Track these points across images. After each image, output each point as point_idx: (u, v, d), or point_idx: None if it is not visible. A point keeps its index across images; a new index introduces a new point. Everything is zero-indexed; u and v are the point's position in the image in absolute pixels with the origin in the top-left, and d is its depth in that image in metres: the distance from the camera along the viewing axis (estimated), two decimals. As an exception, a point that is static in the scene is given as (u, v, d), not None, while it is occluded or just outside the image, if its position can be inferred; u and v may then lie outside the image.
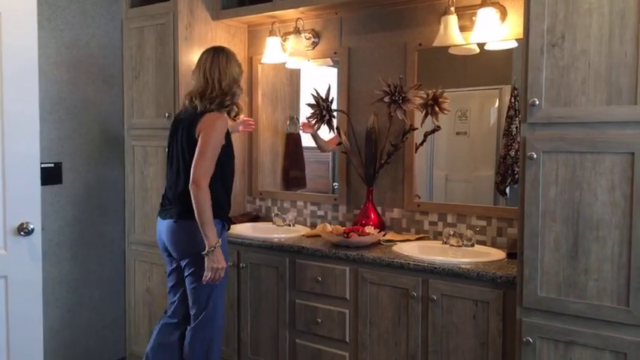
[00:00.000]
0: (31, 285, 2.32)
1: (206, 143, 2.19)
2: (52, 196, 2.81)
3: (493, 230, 2.51)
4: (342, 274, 2.41)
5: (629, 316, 1.70)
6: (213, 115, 2.24)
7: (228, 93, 2.29)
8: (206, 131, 2.20)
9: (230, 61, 2.33)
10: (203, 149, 2.19)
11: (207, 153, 2.18)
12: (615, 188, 1.72)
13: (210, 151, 2.19)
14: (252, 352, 2.72)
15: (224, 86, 2.28)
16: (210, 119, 2.23)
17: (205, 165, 2.18)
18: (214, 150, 2.20)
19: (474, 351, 2.10)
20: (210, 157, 2.19)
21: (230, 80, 2.30)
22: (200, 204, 2.14)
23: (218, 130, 2.22)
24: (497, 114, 2.64)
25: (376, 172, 2.76)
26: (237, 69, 2.35)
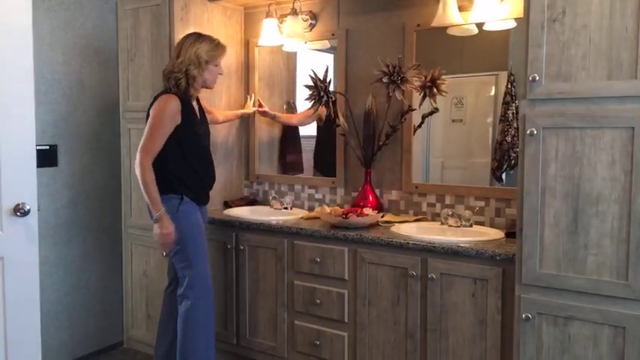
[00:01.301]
0: (28, 266, 2.30)
1: (148, 123, 2.35)
2: (48, 179, 2.78)
3: (491, 211, 2.51)
4: (341, 255, 2.41)
5: (629, 291, 1.71)
6: (163, 97, 2.35)
7: (180, 72, 2.35)
8: (152, 112, 2.35)
9: (196, 42, 2.37)
10: (146, 129, 2.35)
11: (147, 132, 2.33)
12: (615, 163, 1.72)
13: (150, 130, 2.32)
14: (251, 334, 2.73)
15: (177, 65, 2.35)
16: (158, 101, 2.35)
17: (144, 143, 2.32)
18: (154, 129, 2.31)
19: (472, 329, 2.10)
20: (149, 136, 2.31)
21: (186, 60, 2.35)
22: (140, 178, 2.30)
23: (162, 109, 2.31)
24: (493, 101, 2.64)
25: (374, 154, 2.75)
26: (203, 52, 2.36)
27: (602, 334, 1.76)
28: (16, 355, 2.28)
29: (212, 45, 2.41)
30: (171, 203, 2.32)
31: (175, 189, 2.35)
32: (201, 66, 2.37)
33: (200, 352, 2.34)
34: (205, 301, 2.37)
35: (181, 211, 2.34)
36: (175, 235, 2.31)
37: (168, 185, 2.35)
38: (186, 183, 2.37)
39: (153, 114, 2.33)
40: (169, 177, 2.34)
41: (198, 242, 2.36)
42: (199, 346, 2.34)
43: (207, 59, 2.38)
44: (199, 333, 2.35)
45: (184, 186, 2.37)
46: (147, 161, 2.30)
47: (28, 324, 2.31)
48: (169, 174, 2.34)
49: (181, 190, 2.36)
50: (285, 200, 2.99)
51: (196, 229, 2.37)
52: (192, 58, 2.35)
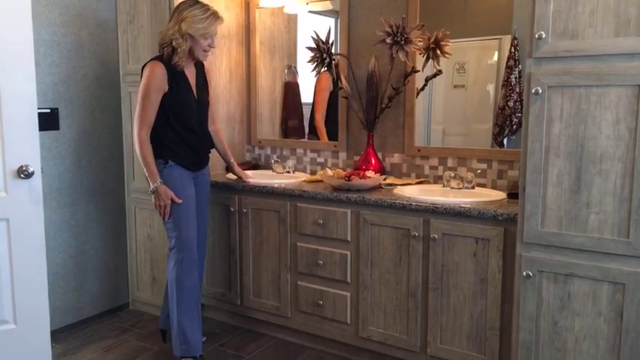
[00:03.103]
0: (33, 228, 2.32)
1: (139, 93, 2.35)
2: (50, 142, 2.78)
3: (493, 173, 2.52)
4: (344, 217, 2.42)
5: (629, 248, 1.73)
6: (149, 64, 2.34)
7: (166, 41, 2.32)
8: (142, 80, 2.35)
9: (185, 11, 2.30)
10: (138, 100, 2.35)
11: (138, 102, 2.34)
12: (620, 121, 1.72)
13: (140, 100, 2.33)
14: (255, 295, 2.77)
15: (165, 32, 2.33)
16: (145, 69, 2.35)
17: (137, 114, 2.34)
18: (143, 98, 2.32)
19: (473, 287, 2.14)
20: (139, 106, 2.33)
21: (172, 29, 2.30)
22: (139, 152, 2.34)
23: (147, 78, 2.31)
24: (496, 66, 2.61)
25: (377, 117, 2.74)
26: (188, 24, 2.28)
27: (602, 291, 1.79)
28: (25, 317, 2.32)
29: (201, 17, 2.29)
30: (158, 167, 2.36)
31: (161, 154, 2.37)
32: (184, 38, 2.30)
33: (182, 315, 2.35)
34: (187, 264, 2.37)
35: (165, 174, 2.35)
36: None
37: (157, 152, 2.36)
38: (173, 149, 2.38)
39: (141, 83, 2.34)
40: (155, 142, 2.36)
41: (180, 206, 2.36)
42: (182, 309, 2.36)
43: (190, 33, 2.30)
44: (181, 295, 2.36)
45: (170, 151, 2.37)
46: (143, 132, 2.32)
47: (35, 285, 2.34)
48: (155, 139, 2.36)
49: (167, 155, 2.37)
50: (288, 164, 2.99)
51: (180, 193, 2.36)
52: (176, 29, 2.29)
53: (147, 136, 2.33)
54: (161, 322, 2.64)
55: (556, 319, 1.88)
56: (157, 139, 2.36)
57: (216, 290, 2.89)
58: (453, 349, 2.21)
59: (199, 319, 2.42)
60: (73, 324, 2.92)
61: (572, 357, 1.86)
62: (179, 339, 2.35)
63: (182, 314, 2.35)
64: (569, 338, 1.86)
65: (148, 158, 2.33)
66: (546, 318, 1.89)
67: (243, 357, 2.58)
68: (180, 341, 2.35)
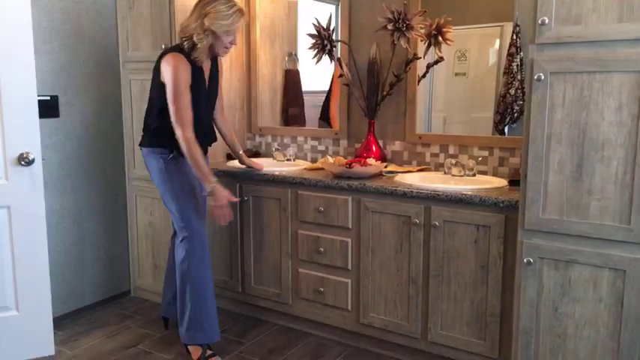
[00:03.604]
0: (35, 215, 2.33)
1: (170, 92, 2.22)
2: (50, 130, 2.77)
3: (495, 160, 2.51)
4: (345, 204, 2.42)
5: (631, 234, 1.73)
6: (171, 58, 2.24)
7: (187, 35, 2.26)
8: (167, 79, 2.23)
9: (209, 5, 2.22)
10: (170, 100, 2.22)
11: (172, 103, 2.22)
12: (622, 108, 1.71)
13: (174, 100, 2.21)
14: (256, 282, 2.78)
15: (187, 26, 2.27)
16: (169, 64, 2.22)
17: (176, 117, 2.21)
18: (177, 97, 2.21)
19: (474, 274, 2.14)
20: (176, 107, 2.21)
21: (193, 23, 2.24)
22: (188, 154, 2.23)
23: (177, 76, 2.21)
24: (497, 54, 2.60)
25: (378, 105, 2.73)
26: (211, 20, 2.20)
27: (603, 277, 1.80)
28: (27, 303, 2.34)
29: (225, 14, 2.21)
30: (161, 156, 2.33)
31: (164, 143, 2.31)
32: (205, 33, 2.22)
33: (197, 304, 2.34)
34: (199, 254, 2.36)
35: (172, 162, 2.33)
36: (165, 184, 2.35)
37: (161, 141, 2.32)
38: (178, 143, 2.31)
39: (170, 81, 2.20)
40: (160, 130, 2.31)
41: (186, 192, 2.34)
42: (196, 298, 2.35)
43: (213, 29, 2.22)
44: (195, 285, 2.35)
45: (175, 142, 2.29)
46: (188, 133, 2.21)
47: (37, 272, 2.36)
48: (161, 128, 2.30)
49: (171, 145, 2.30)
50: (288, 152, 2.99)
51: (185, 178, 2.34)
52: (198, 23, 2.22)
53: (193, 136, 2.22)
54: (162, 310, 2.66)
55: (556, 305, 1.88)
56: (162, 128, 2.29)
57: (217, 278, 2.90)
58: (453, 336, 2.22)
59: (215, 306, 2.41)
60: (75, 311, 2.94)
61: (572, 343, 1.87)
62: (194, 327, 2.35)
63: (197, 303, 2.34)
64: (569, 324, 1.87)
65: (200, 159, 2.22)
66: (547, 304, 1.90)
67: (244, 343, 2.59)
68: (195, 329, 2.35)
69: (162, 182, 2.37)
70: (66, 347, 2.57)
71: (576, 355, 1.87)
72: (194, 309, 2.34)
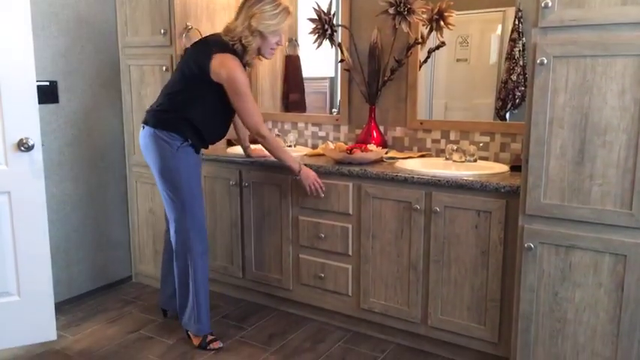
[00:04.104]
0: (35, 200, 2.33)
1: (239, 97, 2.20)
2: (50, 116, 2.76)
3: (496, 146, 2.50)
4: (345, 190, 2.42)
5: (632, 219, 1.73)
6: (227, 59, 2.18)
7: (235, 37, 2.21)
8: (232, 82, 2.17)
9: (256, 5, 2.18)
10: (239, 102, 2.21)
11: (244, 104, 2.22)
12: (625, 92, 1.70)
13: (245, 105, 2.22)
14: (257, 268, 2.79)
15: (234, 28, 2.22)
16: (225, 67, 2.17)
17: (252, 115, 2.25)
18: (246, 101, 2.22)
19: (474, 259, 2.15)
20: (250, 107, 2.24)
21: (241, 26, 2.20)
22: (272, 150, 2.35)
23: (239, 77, 2.18)
24: (499, 39, 2.57)
25: (379, 90, 2.72)
26: (259, 22, 2.18)
27: (603, 262, 1.80)
28: (28, 288, 2.35)
29: (272, 13, 2.18)
30: (173, 142, 2.25)
31: (183, 130, 2.25)
32: (253, 35, 2.20)
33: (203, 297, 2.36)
34: (205, 252, 2.36)
35: (182, 150, 2.26)
36: (171, 173, 2.26)
37: (178, 127, 2.24)
38: (197, 131, 2.27)
39: (235, 85, 2.17)
40: (185, 122, 2.24)
41: (193, 184, 2.30)
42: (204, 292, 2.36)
43: (260, 30, 2.19)
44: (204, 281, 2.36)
45: (193, 132, 2.26)
46: (266, 130, 2.31)
47: (38, 257, 2.36)
48: (187, 120, 2.23)
49: (188, 134, 2.25)
50: (289, 138, 2.98)
51: (193, 171, 2.31)
52: (246, 25, 2.18)
53: (269, 132, 2.33)
54: (162, 302, 2.65)
55: (556, 290, 1.89)
56: (186, 115, 2.23)
57: (218, 264, 2.91)
58: (453, 321, 2.23)
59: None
60: (77, 296, 2.95)
61: (572, 327, 1.88)
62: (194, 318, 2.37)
63: (198, 295, 2.35)
64: (569, 309, 1.88)
65: (282, 148, 2.37)
66: (547, 289, 1.90)
67: (245, 328, 2.61)
68: (195, 320, 2.37)
69: (167, 169, 2.27)
70: (68, 332, 2.58)
71: (576, 340, 1.88)
72: (195, 300, 2.35)
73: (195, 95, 2.24)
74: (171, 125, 2.25)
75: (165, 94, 2.32)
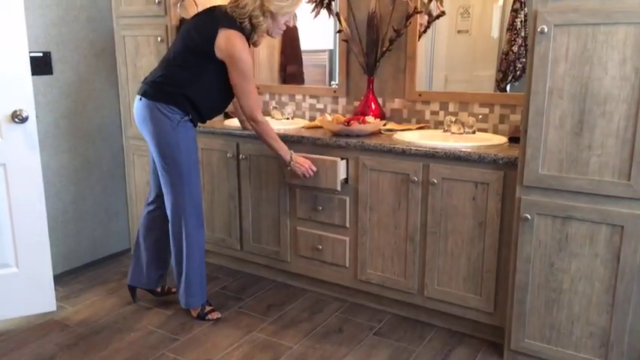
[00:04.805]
0: (31, 172, 2.32)
1: (240, 77, 2.16)
2: (44, 87, 2.72)
3: (495, 117, 2.48)
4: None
5: (629, 190, 1.72)
6: (233, 37, 2.12)
7: (244, 15, 2.14)
8: (236, 61, 2.13)
9: None
10: (239, 81, 2.17)
11: (244, 84, 2.18)
12: (626, 61, 1.67)
13: (244, 85, 2.18)
14: (254, 240, 2.79)
15: (241, 7, 2.13)
16: (231, 44, 2.11)
17: (250, 98, 2.20)
18: (247, 81, 2.18)
19: (471, 230, 2.15)
20: (251, 90, 2.20)
21: (253, 5, 2.12)
22: (264, 136, 2.29)
23: (244, 57, 2.13)
24: (501, 10, 2.53)
25: (377, 61, 2.68)
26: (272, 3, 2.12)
27: (600, 233, 1.80)
28: (27, 260, 2.36)
29: None
30: (173, 116, 2.20)
31: (183, 105, 2.20)
32: (265, 15, 2.14)
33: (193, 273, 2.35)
34: (202, 227, 2.35)
35: (182, 125, 2.22)
36: (171, 148, 2.22)
37: (179, 101, 2.20)
38: (196, 107, 2.24)
39: (238, 64, 2.12)
40: (184, 98, 2.19)
41: (191, 159, 2.28)
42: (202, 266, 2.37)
43: (272, 10, 2.14)
44: (201, 256, 2.36)
45: (192, 108, 2.22)
46: (261, 116, 2.24)
47: (36, 229, 2.36)
48: (186, 96, 2.19)
49: (187, 110, 2.22)
50: (286, 111, 2.95)
51: (192, 146, 2.28)
52: (258, 4, 2.12)
53: (264, 117, 2.26)
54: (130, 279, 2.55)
55: (552, 260, 1.90)
56: (185, 91, 2.18)
57: (216, 236, 2.91)
58: (449, 291, 2.25)
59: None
60: (76, 268, 2.96)
61: (567, 297, 1.90)
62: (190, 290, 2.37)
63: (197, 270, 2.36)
64: (564, 279, 1.89)
65: (274, 136, 2.30)
66: (543, 260, 1.91)
67: (244, 299, 2.63)
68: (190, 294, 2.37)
69: (166, 144, 2.21)
70: (67, 303, 2.60)
71: (571, 309, 1.90)
72: (188, 273, 2.35)
73: (196, 71, 2.19)
74: (171, 99, 2.20)
75: (164, 66, 2.25)
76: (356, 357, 2.13)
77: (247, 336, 2.29)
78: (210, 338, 2.27)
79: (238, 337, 2.27)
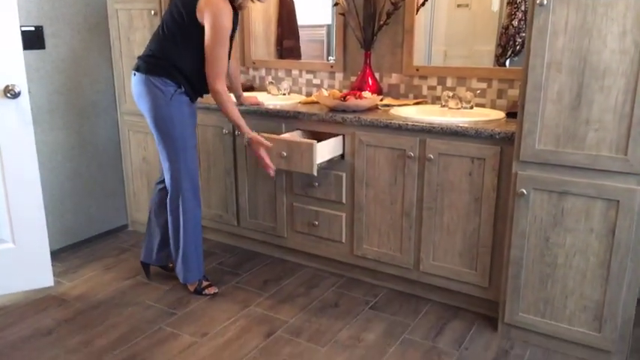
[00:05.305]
0: (25, 148, 2.30)
1: (211, 40, 2.12)
2: (37, 62, 2.69)
3: (493, 92, 2.46)
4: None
5: (626, 165, 1.72)
6: (219, 3, 2.10)
7: None
8: (209, 24, 2.10)
9: None
10: (210, 48, 2.13)
11: (210, 50, 2.13)
12: (626, 34, 1.65)
13: (214, 47, 2.13)
14: (251, 216, 2.79)
15: None
16: (210, 7, 2.09)
17: (215, 64, 2.15)
18: (218, 45, 2.13)
19: (467, 206, 2.15)
20: (214, 56, 2.14)
21: None
22: (223, 107, 2.23)
23: (220, 20, 2.10)
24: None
25: (374, 35, 2.64)
26: None
27: (595, 208, 1.80)
28: (23, 236, 2.36)
29: None
30: (166, 89, 2.19)
31: (175, 77, 2.20)
32: None
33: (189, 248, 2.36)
34: (198, 201, 2.35)
35: (176, 99, 2.21)
36: (165, 122, 2.22)
37: (170, 72, 2.19)
38: (188, 79, 2.22)
39: (213, 28, 2.10)
40: (175, 69, 2.19)
41: (186, 134, 2.26)
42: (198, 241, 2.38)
43: None
44: (196, 230, 2.36)
45: (185, 79, 2.22)
46: (222, 85, 2.18)
47: (31, 204, 2.35)
48: (177, 68, 2.19)
49: (180, 81, 2.21)
50: (283, 86, 2.92)
51: (187, 121, 2.26)
52: None
53: (225, 87, 2.19)
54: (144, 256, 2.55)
55: (548, 235, 1.90)
56: (176, 63, 2.18)
57: (213, 212, 2.91)
58: (444, 266, 2.26)
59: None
60: (73, 244, 2.97)
61: (561, 272, 1.91)
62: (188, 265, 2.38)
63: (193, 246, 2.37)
64: (559, 254, 1.90)
65: (235, 113, 2.24)
66: (538, 235, 1.92)
67: (240, 274, 2.64)
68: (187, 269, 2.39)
69: (160, 118, 2.22)
70: (65, 279, 2.62)
71: (565, 283, 1.91)
72: (184, 249, 2.36)
73: (185, 42, 2.18)
74: (163, 71, 2.20)
75: (155, 40, 2.26)
76: (351, 330, 2.15)
77: (244, 310, 2.31)
78: (207, 312, 2.29)
79: (235, 312, 2.29)
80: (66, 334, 2.13)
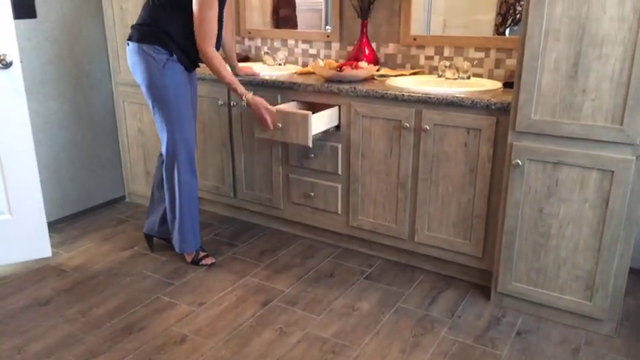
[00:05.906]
0: (18, 118, 2.29)
1: (199, 1, 2.09)
2: (29, 32, 2.64)
3: (491, 62, 2.43)
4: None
5: (621, 135, 1.71)
6: None
7: None
8: None
9: None
10: (198, 10, 2.10)
11: (198, 15, 2.11)
12: (625, 1, 1.62)
13: (202, 10, 2.10)
14: (248, 187, 2.80)
15: None
16: None
17: (203, 27, 2.12)
18: (210, 6, 2.10)
19: (462, 176, 2.15)
20: (207, 18, 2.11)
21: None
22: (214, 70, 2.22)
23: None
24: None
25: (371, 4, 2.59)
26: None
27: (590, 178, 1.80)
28: (19, 206, 2.37)
29: None
30: (159, 57, 2.17)
31: (167, 44, 2.17)
32: None
33: (192, 214, 2.38)
34: (193, 167, 2.34)
35: (169, 67, 2.19)
36: (159, 91, 2.20)
37: (162, 40, 2.16)
38: (181, 46, 2.19)
39: None
40: (167, 36, 2.16)
41: (181, 103, 2.24)
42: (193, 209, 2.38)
43: None
44: (190, 197, 2.36)
45: (177, 47, 2.19)
46: (211, 49, 2.16)
47: (27, 175, 2.35)
48: (168, 35, 2.16)
49: (172, 49, 2.19)
50: (279, 56, 2.88)
51: (181, 90, 2.24)
52: None
53: (215, 51, 2.17)
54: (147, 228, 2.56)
55: (542, 205, 1.90)
56: (166, 29, 2.16)
57: (210, 184, 2.92)
58: (439, 236, 2.27)
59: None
60: (70, 215, 2.98)
61: (554, 241, 1.92)
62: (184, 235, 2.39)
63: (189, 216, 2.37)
64: (553, 224, 1.90)
65: (227, 74, 2.23)
66: (532, 205, 1.92)
67: (237, 245, 2.66)
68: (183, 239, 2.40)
69: (154, 86, 2.20)
70: (62, 249, 2.63)
71: (558, 253, 1.92)
72: (180, 220, 2.36)
73: (175, 9, 2.15)
74: (155, 39, 2.17)
75: (146, 8, 2.23)
76: (346, 299, 2.18)
77: (241, 280, 2.33)
78: (204, 282, 2.31)
79: (232, 282, 2.32)
80: (64, 304, 2.16)
